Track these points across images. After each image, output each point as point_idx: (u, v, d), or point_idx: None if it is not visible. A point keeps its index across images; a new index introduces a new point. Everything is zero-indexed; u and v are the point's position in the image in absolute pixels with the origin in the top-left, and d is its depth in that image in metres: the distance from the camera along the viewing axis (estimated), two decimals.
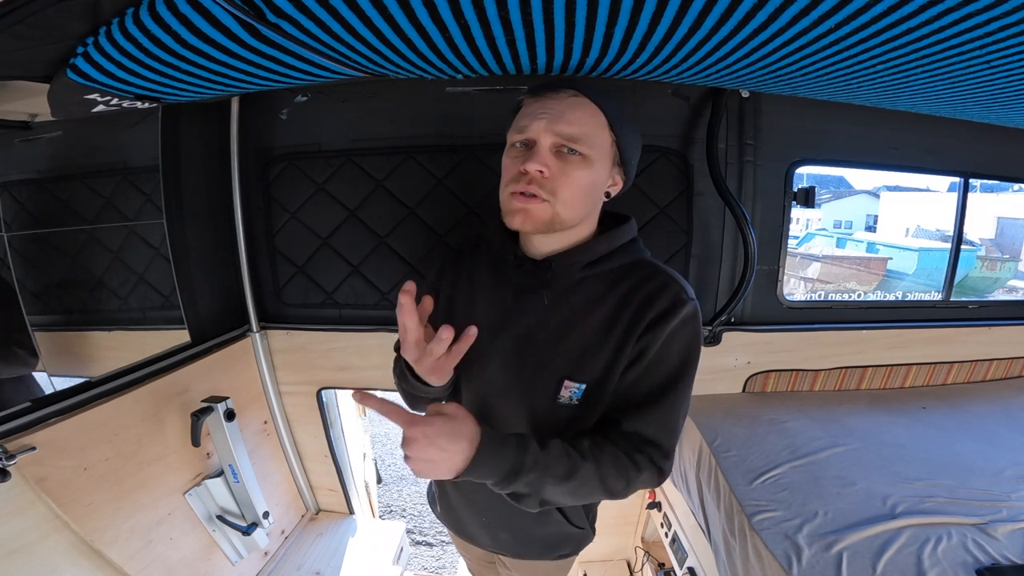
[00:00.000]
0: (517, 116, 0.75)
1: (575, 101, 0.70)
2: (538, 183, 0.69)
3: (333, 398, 1.82)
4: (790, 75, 0.82)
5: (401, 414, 0.61)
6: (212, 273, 1.43)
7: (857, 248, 9.39)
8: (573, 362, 0.76)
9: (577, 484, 0.67)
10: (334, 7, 0.58)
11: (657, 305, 0.71)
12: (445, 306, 0.88)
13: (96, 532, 1.01)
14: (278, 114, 1.41)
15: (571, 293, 0.77)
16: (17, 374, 1.12)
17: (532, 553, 0.98)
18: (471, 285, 0.86)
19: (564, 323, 0.76)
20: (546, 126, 0.69)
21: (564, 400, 0.76)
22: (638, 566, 1.91)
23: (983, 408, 1.51)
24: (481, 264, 0.87)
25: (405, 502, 3.17)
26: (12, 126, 1.14)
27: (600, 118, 0.71)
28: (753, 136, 1.36)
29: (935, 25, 0.53)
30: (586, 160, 0.70)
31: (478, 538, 1.00)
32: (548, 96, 0.71)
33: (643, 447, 0.72)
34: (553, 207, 0.70)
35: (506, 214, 0.73)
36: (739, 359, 1.53)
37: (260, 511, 1.37)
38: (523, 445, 0.65)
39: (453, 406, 0.64)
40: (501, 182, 0.75)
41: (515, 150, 0.73)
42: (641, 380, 0.73)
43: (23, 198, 1.25)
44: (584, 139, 0.69)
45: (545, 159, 0.69)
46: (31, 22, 0.63)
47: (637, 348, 0.72)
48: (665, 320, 0.71)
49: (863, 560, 0.90)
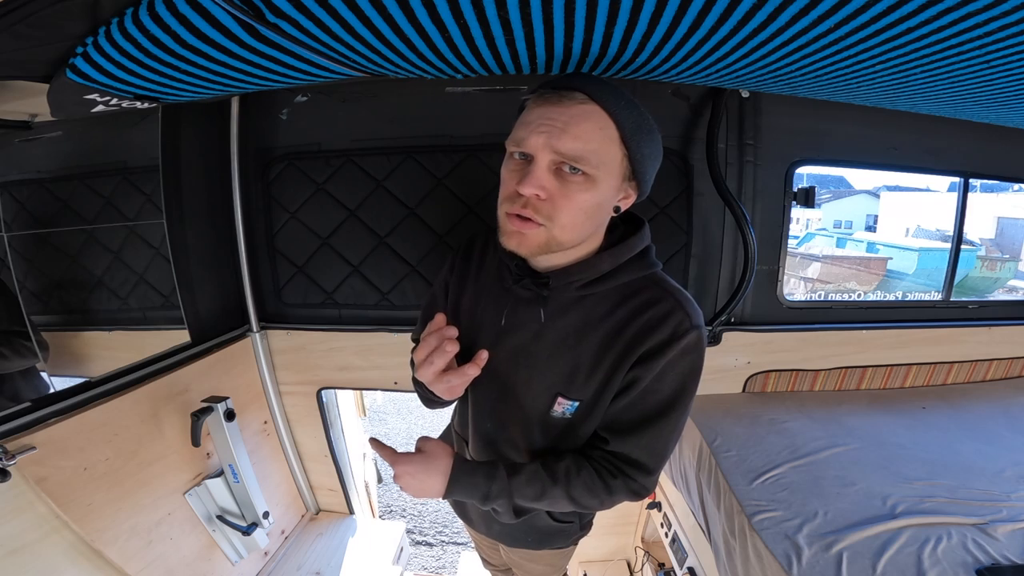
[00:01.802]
0: (519, 120, 0.68)
1: (584, 110, 0.62)
2: (534, 207, 0.63)
3: (333, 398, 1.82)
4: (790, 75, 0.82)
5: (388, 454, 0.74)
6: (212, 273, 1.43)
7: (857, 248, 9.39)
8: (566, 381, 0.74)
9: (548, 503, 0.75)
10: (333, 7, 0.58)
11: (655, 336, 0.67)
12: (452, 306, 0.88)
13: (96, 532, 1.01)
14: (278, 114, 1.41)
15: (568, 312, 0.73)
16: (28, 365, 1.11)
17: (524, 544, 1.00)
18: (476, 287, 0.85)
19: (559, 342, 0.73)
20: (545, 142, 0.61)
21: (557, 414, 0.76)
22: (638, 566, 1.91)
23: (983, 408, 1.51)
24: (488, 266, 0.85)
25: (405, 502, 3.17)
26: (12, 126, 1.14)
27: (611, 130, 0.63)
28: (753, 136, 1.36)
29: (935, 25, 0.53)
30: (590, 180, 0.63)
31: (479, 525, 1.03)
32: (553, 101, 0.63)
33: (625, 469, 0.73)
34: (550, 231, 0.64)
35: (502, 234, 0.68)
36: (739, 359, 1.53)
37: (260, 511, 1.37)
38: (491, 475, 0.74)
39: (432, 443, 0.76)
40: (500, 194, 0.70)
41: (514, 161, 0.66)
42: (632, 406, 0.72)
43: (23, 198, 1.25)
44: (589, 157, 0.61)
45: (542, 181, 0.62)
46: (31, 22, 0.63)
47: (629, 377, 0.70)
48: (662, 352, 0.67)
49: (863, 560, 0.90)
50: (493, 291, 0.82)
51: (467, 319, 0.84)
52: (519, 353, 0.77)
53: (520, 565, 1.11)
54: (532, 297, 0.75)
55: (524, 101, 0.69)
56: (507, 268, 0.77)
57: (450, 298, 0.89)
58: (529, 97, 0.67)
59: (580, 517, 0.98)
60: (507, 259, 0.76)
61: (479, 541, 1.23)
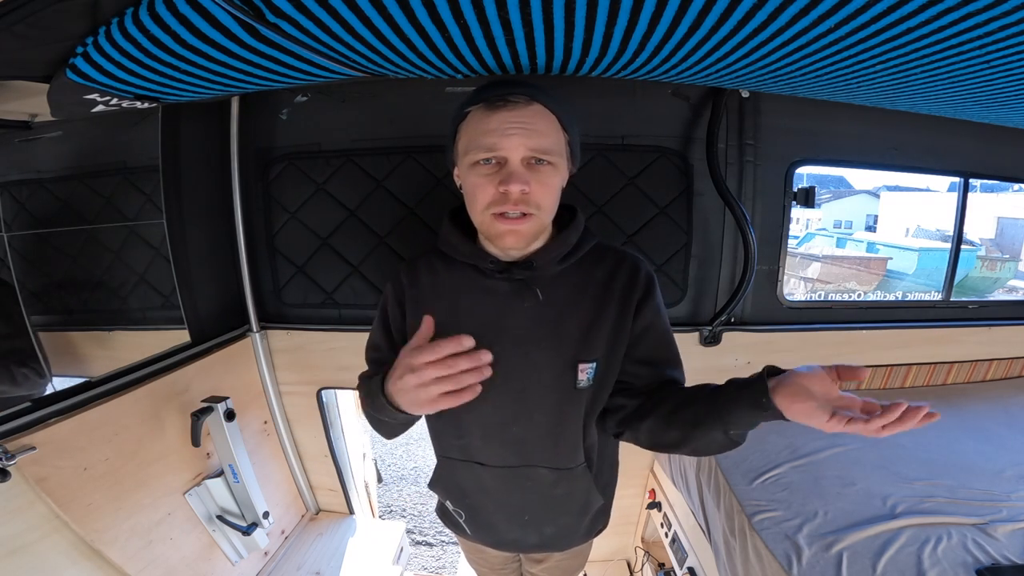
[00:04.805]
0: (471, 129, 0.71)
1: (534, 110, 0.69)
2: (523, 201, 0.70)
3: (333, 398, 1.82)
4: (790, 75, 0.82)
5: None
6: (212, 273, 1.43)
7: (857, 248, 9.39)
8: (581, 344, 0.79)
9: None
10: (333, 7, 0.58)
11: (637, 286, 0.80)
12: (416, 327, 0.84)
13: (96, 532, 1.01)
14: (278, 114, 1.41)
15: (557, 286, 0.80)
16: (27, 392, 1.10)
17: (577, 538, 0.98)
18: (446, 300, 0.82)
19: (559, 314, 0.79)
20: (519, 142, 0.68)
21: (583, 383, 0.79)
22: (638, 566, 1.90)
23: (983, 408, 1.51)
24: (446, 279, 0.84)
25: (405, 502, 3.17)
26: (12, 126, 1.14)
27: (555, 122, 0.72)
28: (753, 136, 1.36)
29: (935, 25, 0.53)
30: (553, 167, 0.72)
31: (519, 541, 0.97)
32: (507, 108, 0.68)
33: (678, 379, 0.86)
34: (539, 218, 0.73)
35: (492, 237, 0.75)
36: (739, 359, 1.53)
37: (260, 511, 1.37)
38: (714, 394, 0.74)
39: None
40: (473, 203, 0.73)
41: (484, 167, 0.70)
42: (658, 343, 0.83)
43: (23, 198, 1.25)
44: (551, 148, 0.71)
45: (525, 176, 0.69)
46: (31, 22, 0.63)
47: (640, 325, 0.81)
48: (650, 295, 0.81)
49: (863, 560, 0.90)
50: (470, 298, 0.81)
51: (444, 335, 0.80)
52: (524, 342, 0.78)
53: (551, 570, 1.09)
54: (517, 286, 0.79)
55: (465, 112, 0.73)
56: (479, 268, 0.80)
57: (410, 322, 0.84)
58: (472, 108, 0.72)
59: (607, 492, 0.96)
60: (479, 259, 0.79)
61: (494, 567, 1.15)
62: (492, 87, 0.71)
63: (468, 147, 0.72)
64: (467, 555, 1.20)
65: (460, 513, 0.98)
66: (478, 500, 0.94)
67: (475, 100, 0.72)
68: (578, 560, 1.11)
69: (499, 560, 1.13)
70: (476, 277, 0.81)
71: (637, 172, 1.36)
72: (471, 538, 1.02)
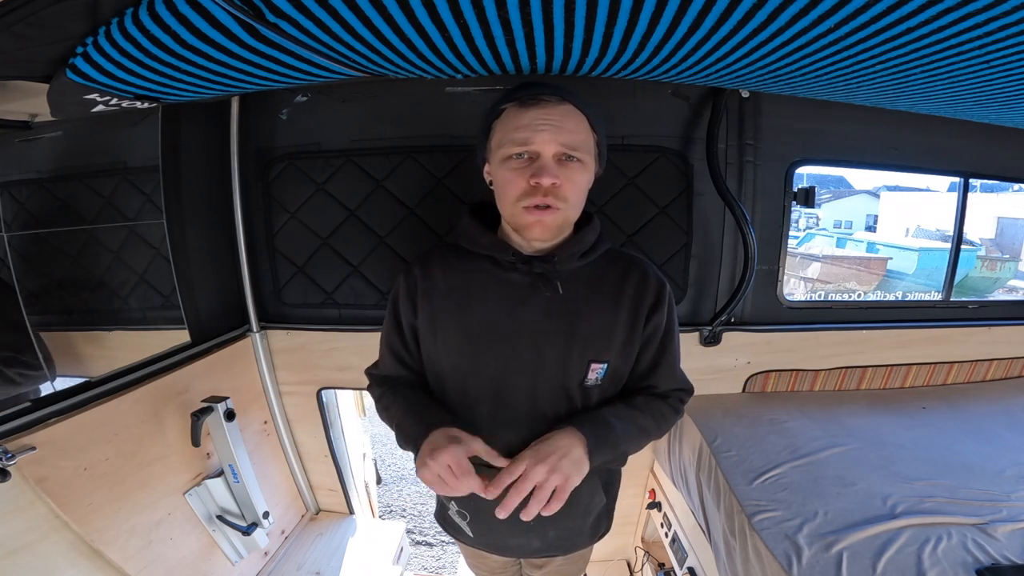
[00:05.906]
0: (505, 125, 0.75)
1: (566, 109, 0.73)
2: (553, 193, 0.73)
3: (333, 398, 1.82)
4: (790, 75, 0.82)
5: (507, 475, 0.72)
6: (212, 273, 1.43)
7: (857, 248, 9.39)
8: (594, 344, 0.80)
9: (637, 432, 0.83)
10: (333, 7, 0.58)
11: (649, 292, 0.83)
12: (428, 324, 0.85)
13: (96, 532, 1.01)
14: (278, 114, 1.41)
15: (575, 282, 0.81)
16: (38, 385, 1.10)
17: (581, 542, 0.98)
18: (458, 294, 0.83)
19: (575, 311, 0.80)
20: (550, 137, 0.71)
21: (591, 382, 0.81)
22: (638, 566, 1.90)
23: (983, 408, 1.51)
24: (459, 272, 0.85)
25: (405, 502, 3.17)
26: (12, 126, 1.14)
27: (585, 122, 0.76)
28: (753, 136, 1.36)
29: (934, 25, 0.53)
30: (582, 164, 0.75)
31: (523, 547, 0.97)
32: (539, 106, 0.72)
33: (673, 396, 0.90)
34: (565, 212, 0.75)
35: (521, 228, 0.78)
36: (739, 359, 1.53)
37: (260, 511, 1.37)
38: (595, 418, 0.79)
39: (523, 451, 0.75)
40: (503, 196, 0.77)
41: (516, 162, 0.74)
42: (662, 352, 0.86)
43: (23, 198, 1.25)
44: (581, 146, 0.74)
45: (555, 170, 0.72)
46: (31, 22, 0.63)
47: (648, 331, 0.83)
48: (660, 303, 0.84)
49: (863, 560, 0.90)
50: (485, 291, 0.82)
51: (454, 327, 0.82)
52: (539, 336, 0.79)
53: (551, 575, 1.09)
54: (534, 279, 0.80)
55: (501, 110, 0.76)
56: (497, 261, 0.82)
57: (422, 317, 0.86)
58: (507, 105, 0.75)
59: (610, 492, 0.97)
60: (497, 252, 0.81)
61: (494, 571, 1.16)
62: (525, 87, 0.75)
63: (501, 142, 0.75)
64: (468, 560, 1.20)
65: (464, 514, 0.98)
66: (483, 500, 0.94)
67: (509, 98, 0.75)
68: (578, 565, 1.11)
69: (500, 565, 1.13)
70: (492, 269, 0.82)
71: (637, 172, 1.36)
72: (473, 543, 1.01)
